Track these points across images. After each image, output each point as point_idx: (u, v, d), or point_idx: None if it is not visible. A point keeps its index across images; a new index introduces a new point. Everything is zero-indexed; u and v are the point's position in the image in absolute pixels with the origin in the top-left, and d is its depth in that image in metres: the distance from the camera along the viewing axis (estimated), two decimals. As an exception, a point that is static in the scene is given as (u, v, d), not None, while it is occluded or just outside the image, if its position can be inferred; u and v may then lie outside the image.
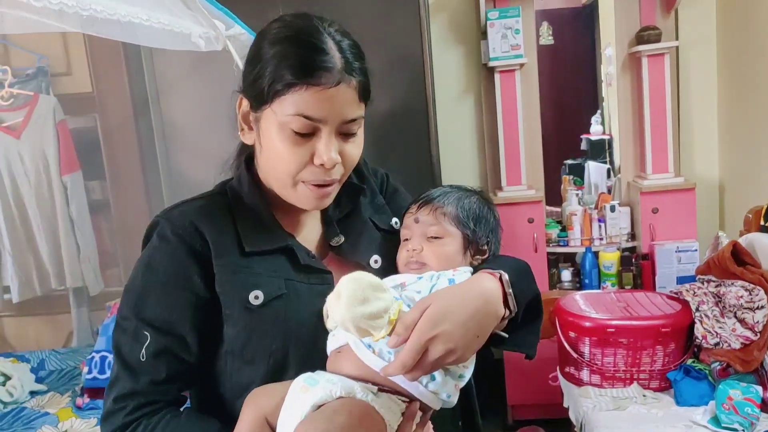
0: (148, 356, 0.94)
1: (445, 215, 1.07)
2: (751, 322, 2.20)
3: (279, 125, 0.92)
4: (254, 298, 0.95)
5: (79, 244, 3.14)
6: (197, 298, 0.95)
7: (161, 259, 0.96)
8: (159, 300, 0.95)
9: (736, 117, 3.05)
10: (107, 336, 2.72)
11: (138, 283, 0.97)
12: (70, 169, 3.11)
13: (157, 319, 0.95)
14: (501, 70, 3.15)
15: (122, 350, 0.96)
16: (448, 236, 1.06)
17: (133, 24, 1.58)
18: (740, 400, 2.07)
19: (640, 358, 2.29)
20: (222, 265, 0.95)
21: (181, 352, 0.96)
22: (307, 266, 1.01)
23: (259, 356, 0.96)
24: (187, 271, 0.95)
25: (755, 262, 2.34)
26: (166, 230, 0.96)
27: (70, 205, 3.11)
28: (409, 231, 1.08)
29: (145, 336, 0.94)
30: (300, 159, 0.93)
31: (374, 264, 1.07)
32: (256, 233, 0.99)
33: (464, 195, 1.11)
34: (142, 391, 0.95)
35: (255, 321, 0.95)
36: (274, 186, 1.00)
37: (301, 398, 0.88)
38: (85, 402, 2.62)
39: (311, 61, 0.90)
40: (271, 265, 0.98)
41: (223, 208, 1.01)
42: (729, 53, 3.07)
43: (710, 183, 3.24)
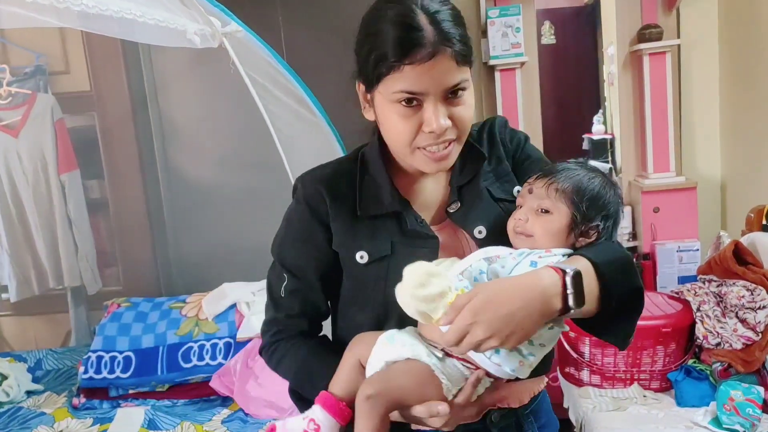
0: (285, 293, 1.14)
1: (558, 191, 1.07)
2: (753, 323, 2.19)
3: (388, 102, 1.01)
4: (360, 257, 1.09)
5: (77, 243, 3.13)
6: (322, 254, 1.12)
7: (296, 218, 1.14)
8: (294, 250, 1.14)
9: (738, 116, 3.02)
10: (104, 335, 2.71)
11: (282, 233, 1.17)
12: (68, 167, 3.09)
13: (293, 265, 1.14)
14: (501, 68, 3.14)
15: (272, 285, 1.17)
16: (556, 212, 1.07)
17: (127, 20, 1.56)
18: (741, 401, 2.05)
19: (641, 358, 2.28)
20: (337, 227, 1.10)
21: (309, 294, 1.15)
22: (413, 231, 1.09)
23: (367, 305, 1.10)
24: (313, 231, 1.12)
25: (757, 262, 2.32)
26: (299, 193, 1.13)
27: (68, 203, 3.10)
28: (522, 200, 1.11)
29: (284, 277, 1.14)
30: (411, 129, 1.01)
31: (478, 234, 1.11)
32: (372, 198, 1.11)
33: (586, 174, 1.11)
34: (279, 320, 1.16)
35: (362, 276, 1.10)
36: (396, 154, 1.10)
37: (381, 352, 1.02)
38: (81, 402, 2.62)
39: (404, 41, 0.96)
40: (382, 227, 1.10)
41: (348, 173, 1.13)
42: (731, 51, 3.05)
43: (712, 182, 3.22)
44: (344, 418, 1.02)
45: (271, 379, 2.43)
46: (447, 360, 0.99)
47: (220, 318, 2.71)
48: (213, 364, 2.58)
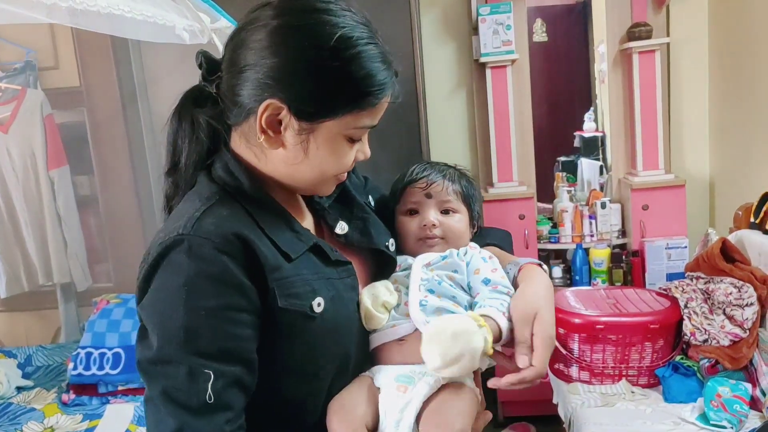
0: (216, 395, 0.81)
1: (456, 192, 1.10)
2: (740, 319, 2.20)
3: (341, 135, 0.90)
4: (317, 306, 0.89)
5: (66, 239, 3.12)
6: (256, 316, 0.86)
7: (206, 284, 0.82)
8: (216, 329, 0.82)
9: (727, 114, 3.04)
10: (93, 332, 2.71)
11: (179, 316, 0.81)
12: (58, 163, 3.08)
13: (218, 350, 0.82)
14: (492, 65, 3.14)
15: (179, 399, 0.81)
16: (460, 211, 1.11)
17: (116, 16, 1.56)
18: (729, 397, 2.06)
19: (629, 354, 2.29)
20: (279, 279, 0.87)
21: (247, 379, 0.86)
22: (336, 261, 0.96)
23: (324, 366, 0.92)
24: (242, 290, 0.84)
25: (744, 259, 2.34)
26: (204, 249, 0.82)
27: (58, 200, 3.09)
28: (419, 205, 1.10)
29: (207, 374, 0.81)
30: (350, 159, 0.93)
31: (390, 247, 1.06)
32: (285, 235, 0.91)
33: (460, 174, 1.15)
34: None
35: (318, 330, 0.89)
36: (302, 184, 0.94)
37: (405, 398, 0.92)
38: (70, 398, 2.61)
39: (386, 79, 0.89)
40: (308, 266, 0.92)
41: (240, 211, 0.89)
42: (720, 50, 3.06)
43: (700, 180, 3.24)
44: None
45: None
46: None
47: (210, 314, 2.71)
48: (202, 360, 2.58)
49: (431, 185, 1.10)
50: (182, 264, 0.82)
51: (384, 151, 2.96)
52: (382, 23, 2.94)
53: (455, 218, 1.10)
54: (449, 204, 1.10)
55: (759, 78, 2.70)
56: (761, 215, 2.34)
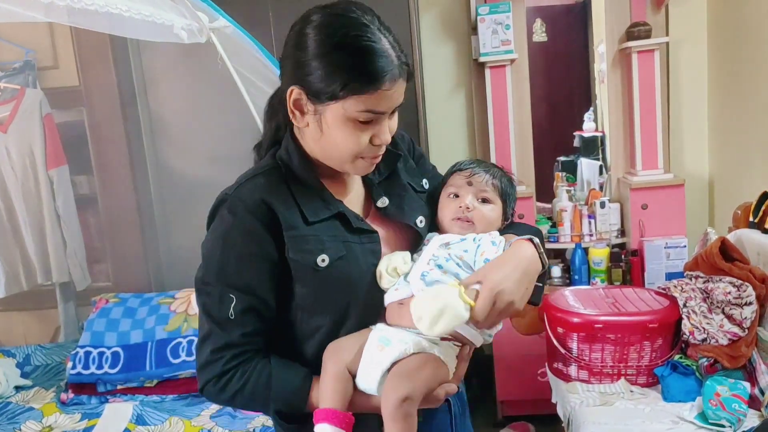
0: (236, 314, 1.08)
1: (494, 186, 1.24)
2: (739, 318, 2.20)
3: (346, 117, 1.04)
4: (321, 261, 1.08)
5: (65, 238, 3.12)
6: (273, 266, 1.09)
7: (238, 234, 1.07)
8: (241, 268, 1.08)
9: (726, 113, 3.04)
10: (92, 331, 2.71)
11: (218, 254, 1.08)
12: (57, 163, 3.08)
13: (241, 284, 1.08)
14: (491, 65, 3.14)
15: (211, 311, 1.10)
16: (495, 203, 1.23)
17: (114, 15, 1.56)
18: (728, 396, 2.06)
19: (628, 353, 2.29)
20: (293, 236, 1.08)
21: (263, 310, 1.11)
22: (358, 228, 1.14)
23: (327, 309, 1.12)
24: (263, 244, 1.07)
25: (743, 258, 2.34)
26: (238, 208, 1.08)
27: (57, 199, 3.09)
28: (460, 190, 1.23)
29: (231, 298, 1.08)
30: (363, 142, 1.06)
31: (419, 224, 1.22)
32: (314, 204, 1.12)
33: (502, 173, 1.29)
34: (235, 342, 1.10)
35: (322, 280, 1.09)
36: (332, 162, 1.12)
37: (380, 356, 1.07)
38: (69, 397, 2.61)
39: (379, 69, 1.01)
40: (330, 230, 1.11)
41: (281, 182, 1.12)
42: (719, 49, 3.06)
43: (700, 179, 3.24)
44: (350, 427, 1.07)
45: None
46: (442, 344, 1.10)
47: (209, 314, 2.70)
48: (202, 359, 2.57)
49: (474, 175, 1.24)
50: (224, 217, 1.09)
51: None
52: (381, 22, 2.85)
53: (489, 207, 1.23)
54: (486, 194, 1.23)
55: (758, 77, 2.70)
56: (760, 214, 2.33)
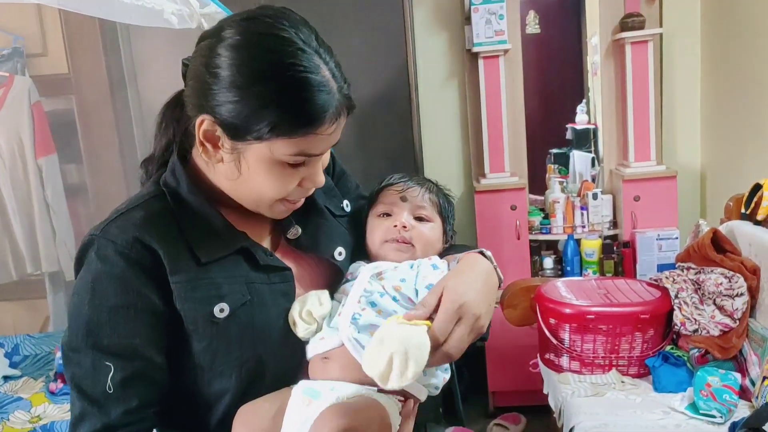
0: (115, 387, 0.87)
1: (432, 202, 1.08)
2: (730, 309, 2.20)
3: (272, 161, 0.87)
4: (219, 312, 0.90)
5: (54, 228, 3.09)
6: (156, 318, 0.89)
7: (108, 283, 0.87)
8: (114, 327, 0.87)
9: (719, 105, 3.04)
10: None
11: (85, 311, 0.87)
12: (46, 151, 3.05)
13: (117, 346, 0.87)
14: (485, 55, 3.13)
15: (83, 385, 0.88)
16: (434, 221, 1.07)
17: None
18: (718, 387, 2.07)
19: (619, 344, 2.29)
20: (179, 282, 0.89)
21: (150, 374, 0.90)
22: (266, 266, 0.96)
23: (231, 369, 0.92)
24: (141, 292, 0.88)
25: (735, 250, 2.34)
26: (108, 250, 0.87)
27: (46, 188, 3.06)
28: (393, 207, 1.06)
29: (107, 366, 0.87)
30: (290, 186, 0.91)
31: (338, 256, 1.03)
32: (208, 238, 0.92)
33: (437, 188, 1.12)
34: (117, 424, 0.88)
35: (222, 334, 0.90)
36: (245, 203, 0.95)
37: (306, 411, 0.87)
38: (58, 387, 2.59)
39: (318, 108, 0.84)
40: (229, 270, 0.92)
41: (164, 214, 0.92)
42: (713, 41, 3.06)
43: (692, 171, 3.24)
44: None
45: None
46: (381, 396, 0.91)
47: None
48: (192, 349, 2.56)
49: (408, 189, 1.07)
50: (91, 263, 0.89)
51: (376, 141, 2.95)
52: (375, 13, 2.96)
53: (428, 226, 1.06)
54: (423, 211, 1.06)
55: (751, 69, 2.70)
56: (752, 206, 2.34)
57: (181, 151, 0.98)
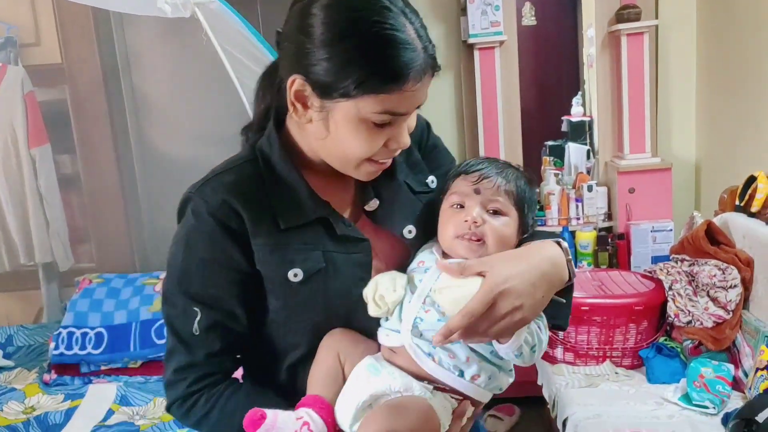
0: (200, 330, 0.96)
1: (508, 193, 0.99)
2: (724, 301, 2.21)
3: (359, 119, 0.88)
4: (293, 276, 0.94)
5: (48, 218, 3.07)
6: (240, 274, 0.96)
7: (199, 238, 0.95)
8: (203, 277, 0.95)
9: (714, 97, 3.04)
10: (75, 311, 2.68)
11: (179, 260, 0.97)
12: (39, 141, 3.03)
13: (204, 295, 0.96)
14: (480, 47, 3.12)
15: (174, 324, 0.98)
16: (509, 215, 0.99)
17: (96, -15, 1.52)
18: (711, 378, 2.08)
19: (613, 336, 2.30)
20: (259, 244, 0.94)
21: (231, 324, 0.97)
22: (344, 236, 0.98)
23: (303, 327, 0.98)
24: (226, 250, 0.94)
25: (729, 242, 2.35)
26: (201, 209, 0.94)
27: (39, 178, 3.04)
28: (466, 199, 0.99)
29: (195, 312, 0.95)
30: (376, 145, 0.91)
31: (408, 234, 1.03)
32: (291, 206, 0.97)
33: (518, 174, 1.03)
34: (199, 363, 0.97)
35: (296, 297, 0.96)
36: (334, 163, 0.96)
37: (363, 384, 0.91)
38: (52, 378, 2.59)
39: (403, 65, 0.85)
40: (308, 237, 0.96)
41: (254, 179, 0.97)
42: (709, 33, 3.06)
43: (687, 163, 3.24)
44: (334, 426, 0.92)
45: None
46: (437, 394, 0.92)
47: (195, 295, 2.69)
48: (187, 340, 2.56)
49: (482, 180, 0.99)
50: (187, 218, 0.96)
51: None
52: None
53: (501, 221, 0.98)
54: (497, 204, 0.98)
55: (746, 61, 2.70)
56: (746, 198, 2.34)
57: (277, 118, 1.01)
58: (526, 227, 1.02)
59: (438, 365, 0.91)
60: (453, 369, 0.92)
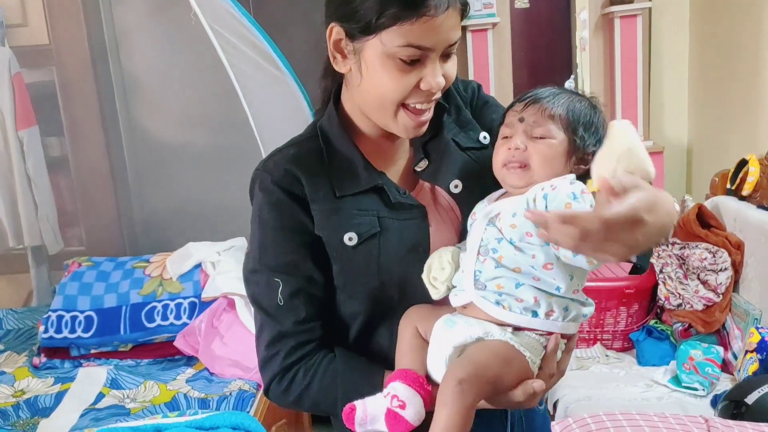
0: (284, 299, 0.98)
1: (553, 117, 0.97)
2: (714, 284, 2.22)
3: (386, 55, 0.91)
4: (348, 240, 0.98)
5: (36, 201, 3.04)
6: (311, 237, 0.99)
7: (269, 210, 0.99)
8: (278, 246, 0.99)
9: (707, 80, 3.04)
10: (64, 295, 2.66)
11: (256, 237, 1.01)
12: (27, 123, 2.98)
13: (282, 263, 0.99)
14: (473, 29, 3.10)
15: (261, 301, 1.01)
16: (555, 137, 0.97)
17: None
18: (701, 360, 2.09)
19: (604, 318, 2.30)
20: (317, 209, 0.99)
21: (312, 289, 1.00)
22: (398, 203, 1.00)
23: (360, 292, 1.00)
24: (294, 215, 0.99)
25: (720, 225, 2.35)
26: (267, 181, 1.00)
27: (27, 161, 3.00)
28: (511, 129, 0.99)
29: (277, 282, 0.99)
30: (407, 85, 0.92)
31: (454, 189, 1.03)
32: (348, 175, 1.01)
33: (575, 98, 1.01)
34: (289, 332, 0.99)
35: (352, 260, 0.98)
36: (373, 115, 0.99)
37: (443, 339, 0.92)
38: (41, 361, 2.58)
39: None
40: (363, 204, 1.00)
41: (314, 152, 1.02)
42: (702, 16, 3.04)
43: (679, 147, 3.24)
44: (427, 393, 0.92)
45: (236, 339, 2.41)
46: (520, 333, 0.91)
47: (185, 278, 2.67)
48: (177, 323, 2.54)
49: (527, 108, 0.98)
50: (257, 194, 1.01)
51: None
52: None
53: (543, 143, 0.96)
54: (539, 129, 0.96)
55: (739, 44, 2.69)
56: (737, 181, 2.34)
57: (337, 98, 1.05)
58: (581, 149, 0.98)
59: (509, 311, 0.91)
60: (524, 312, 0.91)
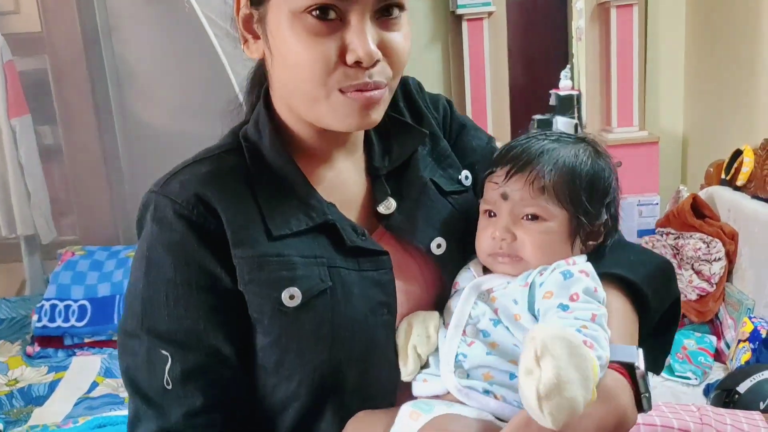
0: (174, 382, 0.70)
1: (545, 189, 0.74)
2: (708, 274, 2.22)
3: (291, 15, 0.67)
4: (289, 298, 0.71)
5: (29, 190, 3.03)
6: (224, 297, 0.72)
7: (166, 252, 0.71)
8: (173, 307, 0.71)
9: (703, 70, 3.03)
10: (57, 284, 2.66)
11: (140, 287, 0.72)
12: (19, 112, 2.96)
13: (176, 330, 0.71)
14: (469, 18, 3.09)
15: (137, 380, 0.72)
16: (550, 220, 0.75)
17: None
18: (694, 349, 2.10)
19: (598, 308, 2.31)
20: (243, 257, 0.71)
21: (216, 369, 0.72)
22: (356, 248, 0.75)
23: (300, 373, 0.73)
24: (203, 264, 0.71)
25: (714, 215, 2.35)
26: (166, 211, 0.71)
27: (20, 149, 2.97)
28: (494, 207, 0.77)
29: (164, 356, 0.70)
30: (326, 54, 0.67)
31: (436, 249, 0.79)
32: (286, 207, 0.74)
33: (570, 152, 0.77)
34: (177, 428, 0.71)
35: (292, 328, 0.72)
36: (300, 106, 0.73)
37: (413, 425, 0.68)
38: (35, 350, 2.58)
39: None
40: (308, 248, 0.73)
41: (236, 171, 0.75)
42: (697, 5, 3.04)
43: (674, 137, 3.24)
44: None
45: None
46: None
47: (179, 267, 2.67)
48: (172, 313, 2.55)
49: (510, 178, 0.75)
50: (149, 226, 0.73)
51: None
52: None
53: (538, 228, 0.75)
54: (531, 208, 0.75)
55: (735, 35, 2.68)
56: (732, 172, 2.34)
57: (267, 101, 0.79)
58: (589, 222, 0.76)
59: (503, 402, 0.70)
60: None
